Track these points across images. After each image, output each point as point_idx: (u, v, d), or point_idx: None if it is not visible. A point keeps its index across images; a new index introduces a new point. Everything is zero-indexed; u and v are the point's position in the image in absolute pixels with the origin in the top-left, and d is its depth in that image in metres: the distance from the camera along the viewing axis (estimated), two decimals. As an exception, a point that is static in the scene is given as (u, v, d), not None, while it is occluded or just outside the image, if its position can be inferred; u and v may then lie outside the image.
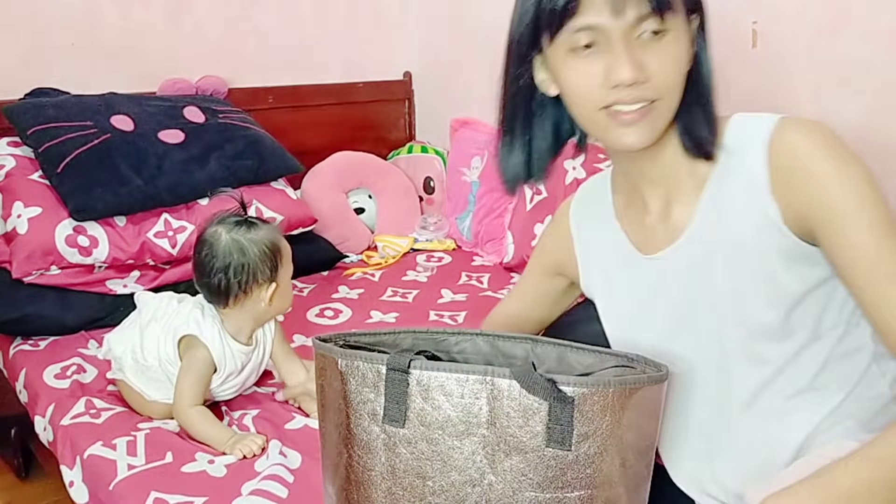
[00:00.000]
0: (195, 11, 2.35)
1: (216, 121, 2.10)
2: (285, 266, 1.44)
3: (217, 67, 2.37)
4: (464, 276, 2.18)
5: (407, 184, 2.60)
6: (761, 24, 1.78)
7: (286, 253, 1.45)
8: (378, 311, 1.93)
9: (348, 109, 2.68)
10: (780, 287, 0.87)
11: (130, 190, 1.83)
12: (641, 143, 0.86)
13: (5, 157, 1.87)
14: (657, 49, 0.83)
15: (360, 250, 2.39)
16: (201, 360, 1.37)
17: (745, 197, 0.87)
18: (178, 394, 1.37)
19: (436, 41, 2.76)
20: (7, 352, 1.74)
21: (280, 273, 1.43)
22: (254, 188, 2.04)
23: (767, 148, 0.85)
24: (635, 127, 0.85)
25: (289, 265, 1.46)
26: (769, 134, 0.85)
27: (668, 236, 0.94)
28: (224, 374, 1.40)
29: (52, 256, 1.73)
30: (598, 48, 0.83)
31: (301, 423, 1.37)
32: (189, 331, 1.38)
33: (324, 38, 2.64)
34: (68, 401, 1.47)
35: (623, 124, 0.85)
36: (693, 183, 0.91)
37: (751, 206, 0.87)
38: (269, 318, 1.47)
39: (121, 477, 1.23)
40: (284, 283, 1.44)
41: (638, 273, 0.99)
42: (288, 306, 1.49)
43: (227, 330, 1.41)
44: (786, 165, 0.84)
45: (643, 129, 0.85)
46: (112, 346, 1.47)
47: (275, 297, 1.42)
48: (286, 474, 1.21)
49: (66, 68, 2.14)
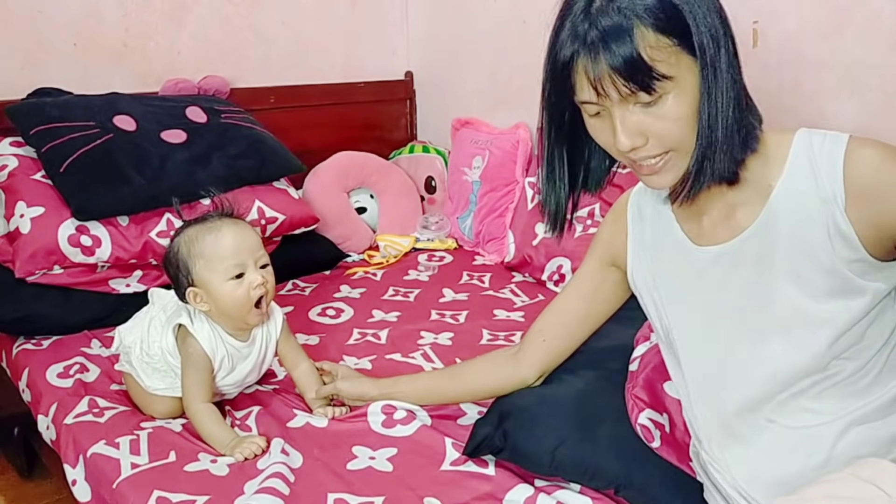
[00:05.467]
0: (197, 11, 2.36)
1: (218, 121, 2.11)
2: (212, 265, 1.34)
3: (219, 67, 2.38)
4: (465, 276, 2.18)
5: (408, 183, 2.60)
6: (762, 24, 1.79)
7: (208, 251, 1.34)
8: (380, 310, 1.94)
9: (350, 109, 2.68)
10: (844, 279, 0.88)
11: (133, 190, 1.83)
12: (666, 186, 0.92)
13: (8, 157, 1.88)
14: (656, 112, 0.86)
15: (361, 250, 2.39)
16: (194, 354, 1.37)
17: (817, 208, 0.88)
18: (184, 392, 1.38)
19: (437, 41, 2.76)
20: (10, 351, 1.75)
21: (203, 276, 1.35)
22: (256, 188, 2.05)
23: (843, 163, 0.86)
24: (656, 176, 0.91)
25: (220, 266, 1.34)
26: (843, 149, 0.87)
27: (729, 232, 0.95)
28: (217, 366, 1.39)
29: (55, 256, 1.74)
30: (605, 113, 0.89)
31: (303, 421, 1.38)
32: (181, 320, 1.39)
33: (325, 39, 2.64)
34: (71, 400, 1.48)
35: (644, 174, 0.92)
36: (758, 191, 0.92)
37: (822, 217, 0.87)
38: (232, 320, 1.38)
39: (124, 476, 1.24)
40: (217, 285, 1.34)
41: (688, 263, 1.00)
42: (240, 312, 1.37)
43: (217, 323, 1.40)
44: (863, 180, 0.85)
45: (664, 176, 0.90)
46: (123, 338, 1.48)
47: (211, 300, 1.36)
48: (288, 473, 1.22)
49: (69, 68, 2.15)
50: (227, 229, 1.37)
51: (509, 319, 1.86)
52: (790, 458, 0.94)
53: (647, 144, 0.87)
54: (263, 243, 1.44)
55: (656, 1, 0.83)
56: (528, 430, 1.19)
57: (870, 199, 0.85)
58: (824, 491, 0.81)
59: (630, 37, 0.82)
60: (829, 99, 1.70)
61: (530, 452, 1.18)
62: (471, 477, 1.20)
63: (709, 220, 0.97)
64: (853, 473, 0.81)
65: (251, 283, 1.35)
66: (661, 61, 0.83)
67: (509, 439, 1.19)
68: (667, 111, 0.85)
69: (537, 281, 2.10)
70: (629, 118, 0.86)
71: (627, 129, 0.86)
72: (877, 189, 0.84)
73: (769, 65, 1.79)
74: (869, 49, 1.61)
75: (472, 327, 1.80)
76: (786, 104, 1.77)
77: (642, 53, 0.82)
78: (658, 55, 0.83)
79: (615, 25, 0.83)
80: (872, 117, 1.63)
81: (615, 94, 0.84)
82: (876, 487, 0.77)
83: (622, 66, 0.82)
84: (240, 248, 1.36)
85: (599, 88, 0.84)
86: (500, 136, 2.38)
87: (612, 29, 0.83)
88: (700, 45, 0.84)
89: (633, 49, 0.82)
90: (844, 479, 0.81)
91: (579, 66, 0.85)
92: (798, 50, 1.73)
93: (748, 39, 1.81)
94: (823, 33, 1.68)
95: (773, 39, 1.78)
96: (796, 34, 1.73)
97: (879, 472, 0.79)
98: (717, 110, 0.86)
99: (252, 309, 1.37)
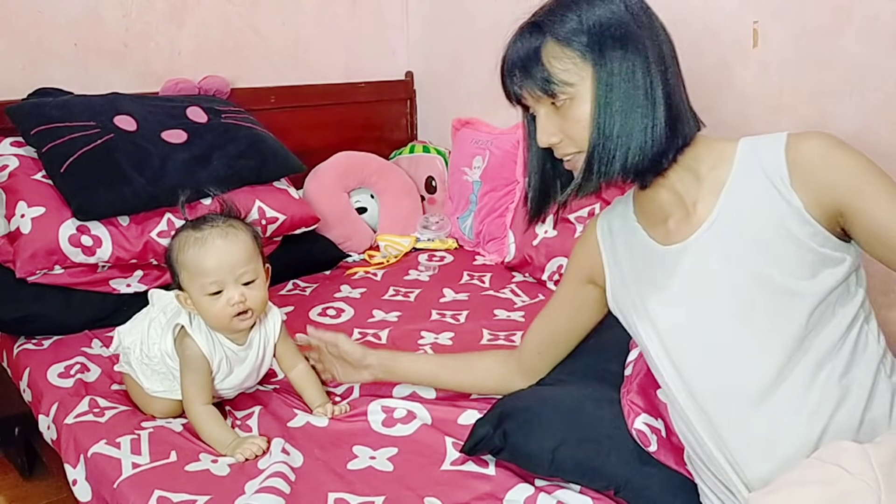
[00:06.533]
0: (197, 12, 2.36)
1: (219, 121, 2.11)
2: (193, 278, 1.33)
3: (219, 67, 2.38)
4: (465, 276, 2.18)
5: (409, 183, 2.60)
6: (762, 24, 1.79)
7: (190, 264, 1.33)
8: (380, 310, 1.94)
9: (350, 109, 2.68)
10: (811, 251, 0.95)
11: (134, 190, 1.83)
12: (584, 191, 1.03)
13: (9, 158, 1.88)
14: (564, 114, 1.01)
15: (362, 250, 2.39)
16: (193, 356, 1.37)
17: (767, 192, 0.98)
18: (184, 394, 1.38)
19: (437, 41, 2.76)
20: (11, 351, 1.75)
21: (186, 285, 1.35)
22: (256, 188, 2.05)
23: (784, 149, 0.98)
24: (575, 171, 1.04)
25: (198, 281, 1.33)
26: (784, 139, 0.99)
27: (691, 228, 1.04)
28: (215, 369, 1.39)
29: (56, 256, 1.74)
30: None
31: (303, 420, 1.38)
32: (181, 320, 1.39)
33: (326, 39, 2.65)
34: (72, 399, 1.48)
35: (568, 168, 1.06)
36: (712, 187, 1.03)
37: (774, 199, 0.97)
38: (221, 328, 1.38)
39: (125, 475, 1.24)
40: (196, 297, 1.34)
41: (661, 263, 1.07)
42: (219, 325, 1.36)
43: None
44: (803, 160, 0.96)
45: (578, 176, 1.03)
46: (122, 338, 1.48)
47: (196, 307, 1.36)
48: (289, 472, 1.22)
49: (69, 69, 2.15)
50: (211, 244, 1.33)
51: (510, 319, 1.86)
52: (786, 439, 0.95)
53: (562, 142, 1.03)
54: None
55: (566, 17, 0.98)
56: (529, 430, 1.19)
57: (809, 178, 0.95)
58: (792, 479, 0.85)
59: (538, 49, 0.99)
60: (829, 99, 1.70)
61: (530, 452, 1.18)
62: (471, 477, 1.20)
63: (674, 221, 1.06)
64: (818, 457, 0.86)
65: (228, 300, 1.33)
66: (564, 70, 0.98)
67: (509, 439, 1.19)
68: (572, 114, 1.00)
69: (537, 281, 2.10)
70: (544, 119, 1.02)
71: (542, 127, 1.03)
72: (815, 168, 0.95)
73: (769, 65, 1.79)
74: (869, 49, 1.61)
75: (473, 327, 1.80)
76: (786, 104, 1.77)
77: (545, 63, 0.99)
78: (560, 65, 0.98)
79: (530, 39, 1.00)
80: (872, 117, 1.63)
81: (527, 97, 1.03)
82: (839, 468, 0.81)
83: (529, 74, 1.00)
84: (220, 267, 1.32)
85: (515, 93, 1.04)
86: (500, 136, 2.38)
87: (526, 42, 1.00)
88: (595, 57, 0.97)
89: (538, 59, 0.99)
90: (811, 464, 0.85)
91: (506, 75, 1.04)
92: (798, 50, 1.73)
93: (748, 39, 1.81)
94: (823, 33, 1.68)
95: (773, 39, 1.78)
96: (796, 34, 1.73)
97: (841, 453, 0.83)
98: (610, 117, 0.97)
99: (233, 319, 1.35)
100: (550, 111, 1.01)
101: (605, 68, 0.97)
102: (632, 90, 0.97)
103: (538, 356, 1.33)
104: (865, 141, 1.65)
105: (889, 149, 1.61)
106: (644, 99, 0.97)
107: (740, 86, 1.86)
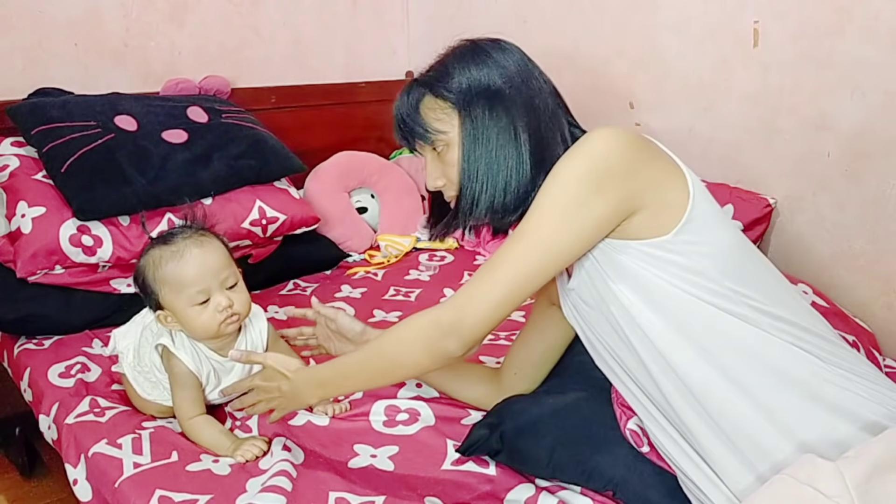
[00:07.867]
0: (198, 12, 2.36)
1: (219, 121, 2.11)
2: (177, 291, 1.31)
3: (220, 67, 2.38)
4: (466, 276, 2.18)
5: (409, 183, 2.60)
6: (762, 24, 1.79)
7: (170, 279, 1.31)
8: (381, 310, 1.94)
9: (350, 109, 2.68)
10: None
11: (134, 190, 1.83)
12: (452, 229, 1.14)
13: (9, 158, 1.88)
14: (443, 159, 1.11)
15: (362, 249, 2.39)
16: (180, 374, 1.37)
17: None
18: (176, 410, 1.38)
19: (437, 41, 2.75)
20: (11, 351, 1.75)
21: (168, 301, 1.33)
22: (257, 188, 2.05)
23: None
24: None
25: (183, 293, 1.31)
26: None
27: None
28: (204, 381, 1.39)
29: (57, 256, 1.74)
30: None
31: (304, 419, 1.38)
32: (163, 340, 1.38)
33: (326, 38, 2.65)
34: (73, 399, 1.48)
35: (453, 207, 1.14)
36: None
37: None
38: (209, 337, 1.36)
39: (126, 475, 1.24)
40: (182, 310, 1.32)
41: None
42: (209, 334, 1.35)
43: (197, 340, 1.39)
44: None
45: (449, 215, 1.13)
46: (118, 342, 1.48)
47: (180, 323, 1.34)
48: (291, 470, 1.22)
49: (70, 69, 2.15)
50: (188, 254, 1.31)
51: (509, 319, 1.85)
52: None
53: (445, 185, 1.13)
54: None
55: (442, 74, 1.10)
56: (527, 432, 1.19)
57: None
58: (767, 495, 0.82)
59: (418, 102, 1.11)
60: (829, 99, 1.70)
61: (528, 454, 1.18)
62: (472, 476, 1.20)
63: None
64: (792, 475, 0.82)
65: (217, 306, 1.32)
66: (437, 119, 1.09)
67: (506, 441, 1.19)
68: (449, 158, 1.10)
69: (538, 281, 2.10)
70: (430, 164, 1.13)
71: (428, 172, 1.14)
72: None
73: (769, 65, 1.79)
74: (869, 49, 1.61)
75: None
76: (786, 104, 1.78)
77: (422, 114, 1.10)
78: (434, 115, 1.10)
79: (413, 94, 1.12)
80: (872, 117, 1.63)
81: (416, 145, 1.14)
82: (814, 490, 0.78)
83: (411, 125, 1.11)
84: (202, 274, 1.31)
85: (406, 141, 1.14)
86: (500, 136, 2.38)
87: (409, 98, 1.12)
88: (462, 107, 1.07)
89: (417, 111, 1.11)
90: (784, 481, 0.82)
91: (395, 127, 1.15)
92: (798, 50, 1.74)
93: (748, 39, 1.82)
94: (824, 33, 1.68)
95: (773, 39, 1.78)
96: (796, 34, 1.73)
97: (816, 472, 0.80)
98: (475, 160, 1.06)
99: (220, 326, 1.34)
100: (434, 157, 1.13)
101: (470, 116, 1.06)
102: (494, 136, 1.05)
103: (515, 376, 1.37)
104: (866, 140, 1.65)
105: (889, 148, 1.61)
106: (509, 144, 1.05)
107: (740, 86, 1.86)
